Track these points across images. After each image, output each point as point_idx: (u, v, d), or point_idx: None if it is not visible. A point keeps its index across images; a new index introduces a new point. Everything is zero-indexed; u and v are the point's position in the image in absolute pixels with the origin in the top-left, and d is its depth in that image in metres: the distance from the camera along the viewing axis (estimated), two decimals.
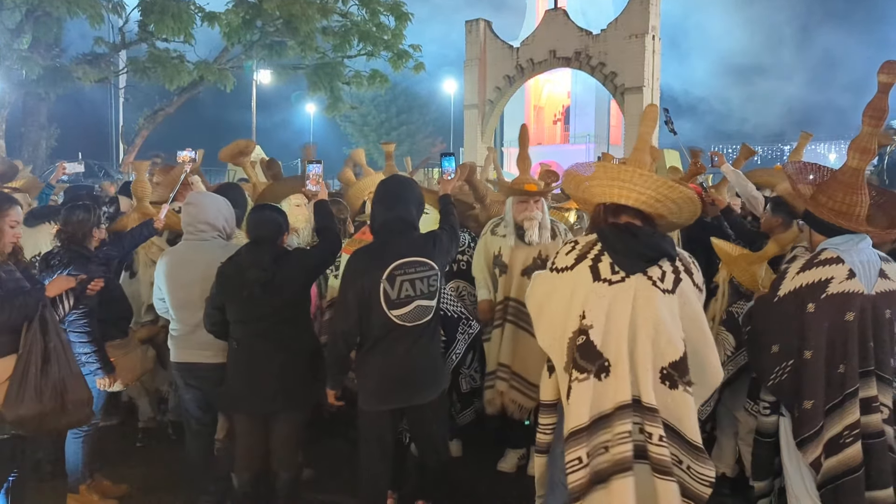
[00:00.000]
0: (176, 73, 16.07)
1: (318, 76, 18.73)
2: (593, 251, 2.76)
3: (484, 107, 25.51)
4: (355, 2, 18.25)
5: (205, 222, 3.79)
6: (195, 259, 3.74)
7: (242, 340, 3.48)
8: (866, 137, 2.92)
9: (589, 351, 2.69)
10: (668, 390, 2.69)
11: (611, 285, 2.69)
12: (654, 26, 22.01)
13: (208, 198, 3.96)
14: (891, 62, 2.84)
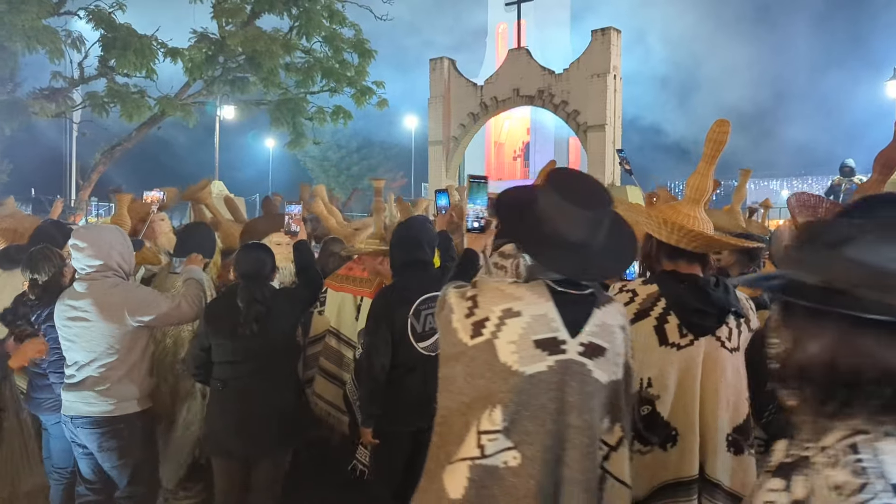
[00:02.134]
0: (136, 109, 15.86)
1: (280, 112, 18.70)
2: (657, 308, 2.44)
3: (448, 143, 25.71)
4: (319, 39, 18.31)
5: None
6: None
7: (229, 382, 3.42)
8: (874, 185, 2.92)
9: (655, 421, 2.43)
10: (734, 456, 2.48)
11: (679, 350, 2.42)
12: (616, 66, 22.51)
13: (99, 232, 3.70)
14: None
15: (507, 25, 43.32)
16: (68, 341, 3.52)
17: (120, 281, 3.57)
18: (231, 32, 16.57)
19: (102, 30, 15.04)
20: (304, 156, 41.16)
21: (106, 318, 3.44)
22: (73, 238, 3.53)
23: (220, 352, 3.44)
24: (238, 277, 3.54)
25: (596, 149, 22.19)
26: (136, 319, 3.49)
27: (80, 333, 3.48)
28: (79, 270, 3.55)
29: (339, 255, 4.93)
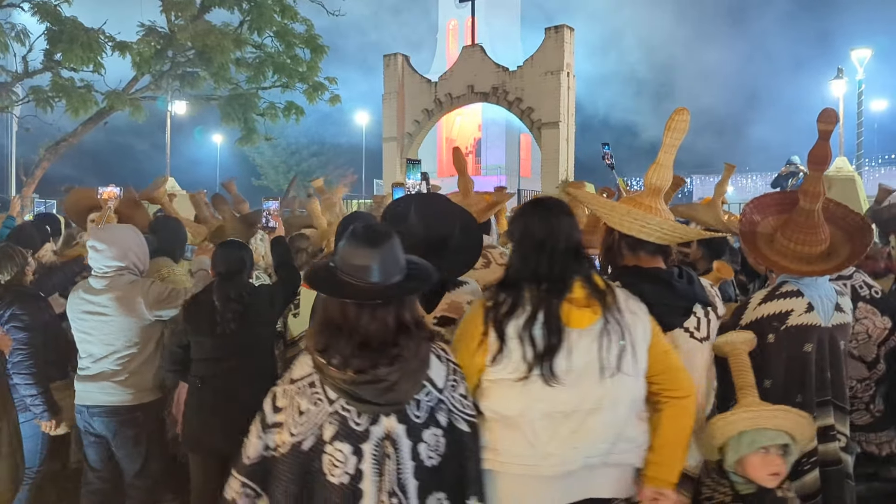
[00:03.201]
0: (82, 103, 15.42)
1: (231, 107, 18.42)
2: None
3: (403, 139, 25.66)
4: (270, 34, 18.08)
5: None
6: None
7: (208, 378, 3.42)
8: (812, 181, 3.07)
9: None
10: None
11: None
12: (569, 63, 22.76)
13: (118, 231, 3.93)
14: (828, 110, 3.02)
15: (457, 22, 43.45)
16: (83, 333, 3.69)
17: (136, 277, 3.75)
18: (180, 26, 16.25)
19: (48, 23, 14.60)
20: (254, 152, 40.60)
21: (125, 312, 3.62)
22: (92, 240, 3.71)
23: (199, 349, 3.46)
24: (215, 276, 3.53)
25: (550, 145, 22.42)
26: (153, 314, 3.68)
27: (98, 327, 3.64)
28: (96, 269, 3.71)
29: (307, 251, 4.94)
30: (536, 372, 2.21)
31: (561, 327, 2.22)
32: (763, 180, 31.49)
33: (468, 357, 2.28)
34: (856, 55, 23.15)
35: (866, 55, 23.03)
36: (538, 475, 2.25)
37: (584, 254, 2.35)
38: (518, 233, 2.40)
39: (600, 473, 2.29)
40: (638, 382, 2.32)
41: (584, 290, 2.27)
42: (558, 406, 2.24)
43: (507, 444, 2.26)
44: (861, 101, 22.92)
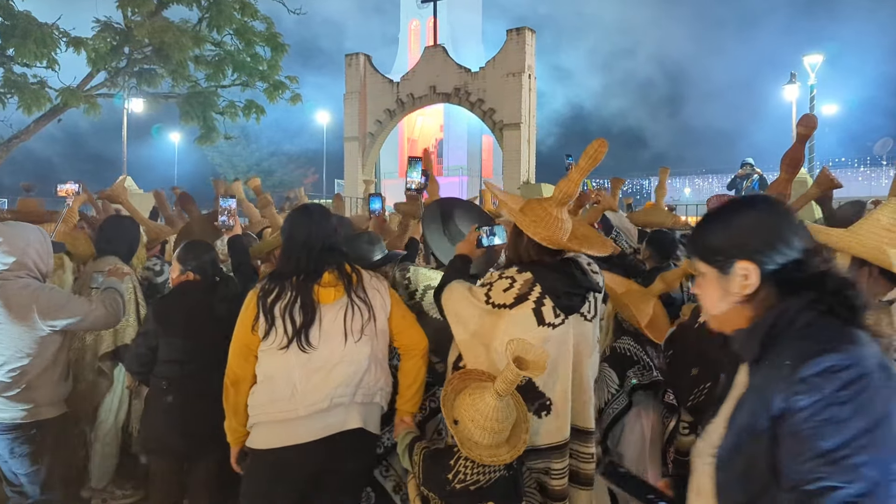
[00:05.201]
0: (35, 100, 15.02)
1: (190, 105, 18.07)
2: (534, 293, 2.74)
3: (365, 139, 25.56)
4: (230, 31, 17.83)
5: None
6: None
7: (175, 380, 3.38)
8: (783, 183, 3.16)
9: (530, 391, 2.74)
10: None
11: (554, 329, 2.74)
12: (530, 65, 22.92)
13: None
14: (808, 115, 3.12)
15: (419, 22, 43.43)
16: None
17: (32, 282, 3.42)
18: (137, 23, 15.90)
19: (0, 17, 14.20)
20: (212, 151, 40.09)
21: (15, 319, 3.31)
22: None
23: (169, 350, 3.40)
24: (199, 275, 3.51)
25: (511, 146, 22.58)
26: (47, 323, 3.37)
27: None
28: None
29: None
30: (295, 342, 2.87)
31: (315, 306, 2.92)
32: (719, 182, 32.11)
33: (245, 334, 2.96)
34: (808, 61, 23.75)
35: (818, 61, 23.64)
36: (297, 417, 2.87)
37: (339, 248, 3.06)
38: (285, 234, 3.07)
39: (349, 410, 2.96)
40: (377, 342, 3.05)
41: (332, 275, 2.98)
42: (312, 364, 2.91)
43: (271, 398, 2.90)
44: (813, 105, 23.50)
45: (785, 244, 1.59)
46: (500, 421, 2.43)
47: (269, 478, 2.92)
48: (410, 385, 3.12)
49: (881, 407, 1.44)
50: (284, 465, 2.90)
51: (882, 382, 1.45)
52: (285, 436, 2.88)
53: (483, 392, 2.48)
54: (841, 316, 1.55)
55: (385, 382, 3.09)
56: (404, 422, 3.07)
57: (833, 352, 1.47)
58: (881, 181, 33.02)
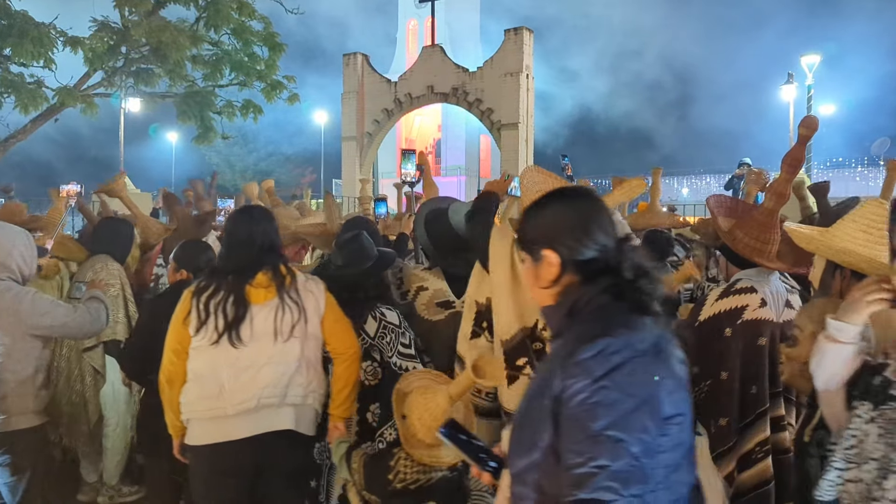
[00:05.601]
0: (32, 100, 14.98)
1: (187, 105, 18.05)
2: None
3: (362, 139, 25.55)
4: (227, 31, 17.81)
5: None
6: None
7: None
8: (783, 183, 3.17)
9: (544, 358, 2.82)
10: None
11: None
12: (528, 65, 22.94)
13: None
14: (810, 117, 3.13)
15: (417, 22, 43.43)
16: None
17: (14, 285, 3.32)
18: (134, 22, 15.89)
19: None
20: (210, 150, 40.05)
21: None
22: None
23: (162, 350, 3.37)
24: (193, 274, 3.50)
25: (509, 146, 22.58)
26: (28, 328, 3.30)
27: None
28: None
29: None
30: (225, 337, 2.92)
31: (246, 304, 2.97)
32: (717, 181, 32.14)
33: (178, 331, 3.02)
34: (805, 61, 23.76)
35: (815, 61, 23.66)
36: (225, 415, 2.92)
37: (277, 249, 3.13)
38: (226, 233, 3.17)
39: (279, 411, 3.00)
40: (308, 343, 3.08)
41: (266, 276, 3.03)
42: (241, 362, 2.95)
43: (201, 395, 2.96)
44: (810, 105, 23.52)
45: (586, 235, 1.70)
46: None
47: (207, 472, 3.00)
48: (342, 390, 3.15)
49: (647, 389, 1.54)
50: (220, 460, 2.97)
51: (651, 366, 1.56)
52: (217, 433, 2.95)
53: (436, 393, 2.50)
54: (631, 302, 1.66)
55: (318, 385, 3.13)
56: (338, 428, 3.11)
57: (608, 336, 1.57)
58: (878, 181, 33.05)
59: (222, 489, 2.96)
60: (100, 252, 4.77)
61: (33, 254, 3.47)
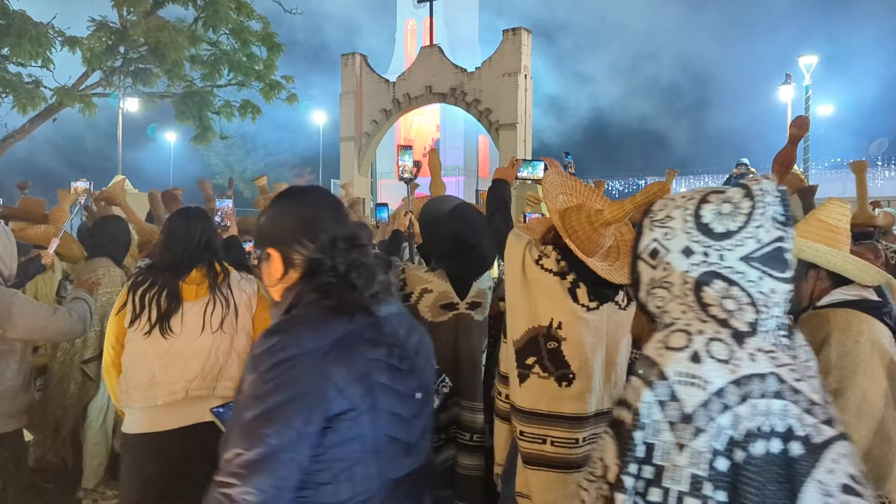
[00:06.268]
0: (30, 99, 14.96)
1: (185, 105, 18.03)
2: (569, 278, 2.87)
3: (361, 139, 25.54)
4: (225, 31, 17.79)
5: None
6: None
7: None
8: None
9: (557, 357, 2.89)
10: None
11: (589, 311, 2.87)
12: (526, 66, 22.94)
13: None
14: (802, 117, 3.14)
15: (416, 22, 43.43)
16: None
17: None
18: (132, 22, 15.88)
19: None
20: (209, 150, 40.03)
21: None
22: None
23: None
24: None
25: (507, 147, 22.57)
26: (8, 330, 3.27)
27: None
28: None
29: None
30: (157, 329, 3.05)
31: (179, 298, 3.10)
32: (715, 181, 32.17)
33: (115, 323, 3.16)
34: (803, 61, 23.79)
35: (813, 61, 23.69)
36: (156, 405, 3.04)
37: (213, 247, 3.24)
38: (163, 232, 3.29)
39: (209, 403, 2.93)
40: (238, 337, 3.19)
41: (200, 273, 3.17)
42: (171, 353, 3.07)
43: (133, 385, 3.07)
44: (808, 105, 23.54)
45: (302, 234, 1.81)
46: None
47: (138, 460, 3.10)
48: None
49: (305, 386, 1.62)
50: (151, 449, 3.06)
51: (322, 364, 1.64)
52: (148, 422, 3.06)
53: None
54: (337, 300, 1.75)
55: None
56: None
57: (281, 333, 1.68)
58: (876, 182, 33.11)
59: (152, 478, 3.02)
60: (100, 254, 4.70)
61: (13, 253, 3.44)
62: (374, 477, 1.72)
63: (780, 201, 1.54)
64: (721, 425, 1.43)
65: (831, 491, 1.41)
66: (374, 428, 1.71)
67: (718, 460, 1.42)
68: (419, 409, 1.86)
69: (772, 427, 1.43)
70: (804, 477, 1.41)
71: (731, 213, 1.54)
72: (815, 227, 2.64)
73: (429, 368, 1.96)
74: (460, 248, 3.68)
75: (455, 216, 3.75)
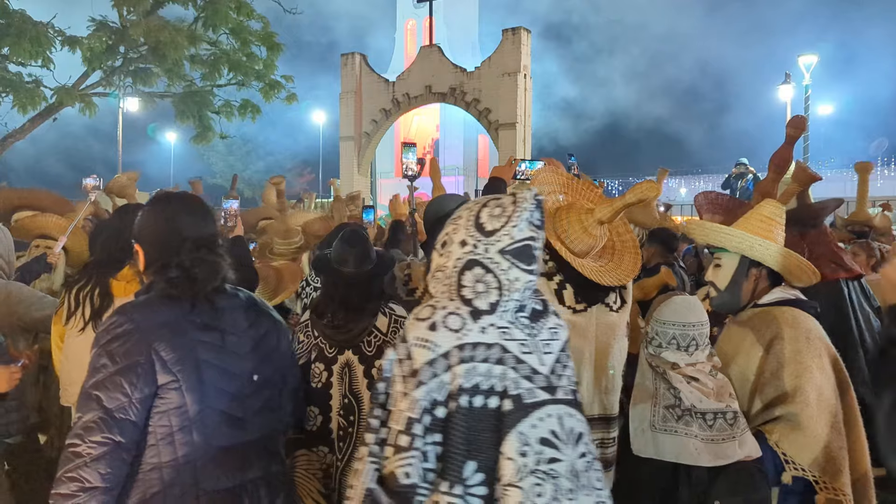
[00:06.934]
0: (30, 99, 14.97)
1: (185, 105, 18.05)
2: (556, 279, 2.85)
3: (360, 139, 25.54)
4: (225, 31, 17.79)
5: None
6: None
7: None
8: (769, 183, 3.19)
9: None
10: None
11: (575, 313, 2.83)
12: (526, 65, 22.93)
13: None
14: (799, 117, 3.15)
15: (415, 22, 43.41)
16: None
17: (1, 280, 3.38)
18: (133, 22, 15.89)
19: None
20: (209, 150, 40.02)
21: None
22: None
23: None
24: None
25: (507, 146, 22.56)
26: (19, 320, 3.37)
27: None
28: None
29: None
30: (90, 326, 3.09)
31: (111, 295, 3.14)
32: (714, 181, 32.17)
33: (56, 322, 3.24)
34: (802, 61, 23.77)
35: (812, 61, 23.67)
36: None
37: None
38: (95, 229, 3.36)
39: None
40: None
41: (132, 270, 3.04)
42: None
43: (72, 381, 3.10)
44: (808, 105, 23.53)
45: (161, 234, 2.14)
46: None
47: None
48: None
49: (134, 357, 1.94)
50: None
51: (151, 339, 1.96)
52: None
53: None
54: (180, 290, 2.06)
55: None
56: None
57: (118, 314, 2.01)
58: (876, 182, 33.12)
59: None
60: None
61: (10, 248, 3.58)
62: (198, 444, 1.98)
63: (537, 208, 1.90)
64: (444, 381, 1.78)
65: (529, 441, 1.76)
66: (199, 400, 1.98)
67: (438, 409, 1.78)
68: (255, 389, 2.13)
69: (491, 386, 1.79)
70: (510, 428, 1.76)
71: (499, 216, 1.90)
72: (753, 218, 2.70)
73: (276, 357, 2.25)
74: None
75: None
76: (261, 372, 2.16)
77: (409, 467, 1.75)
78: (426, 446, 1.77)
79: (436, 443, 1.78)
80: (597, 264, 2.84)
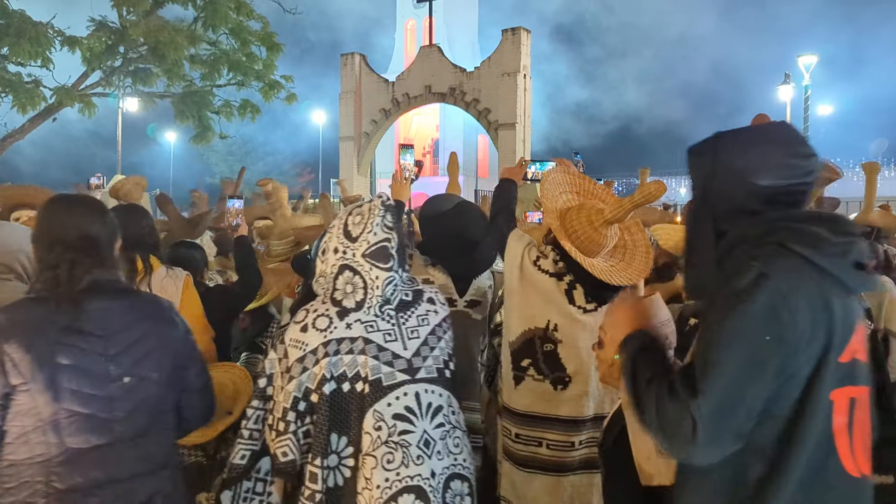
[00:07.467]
0: (30, 99, 14.96)
1: (185, 104, 18.04)
2: (566, 279, 2.89)
3: (360, 139, 25.54)
4: (225, 31, 17.79)
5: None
6: None
7: None
8: None
9: (553, 360, 2.91)
10: None
11: (585, 313, 2.88)
12: (526, 65, 22.94)
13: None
14: (762, 115, 3.15)
15: (415, 22, 43.42)
16: None
17: (20, 285, 3.13)
18: (132, 22, 15.88)
19: None
20: (208, 150, 40.01)
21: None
22: None
23: None
24: None
25: (506, 146, 22.56)
26: None
27: None
28: None
29: None
30: None
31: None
32: None
33: None
34: (802, 61, 23.77)
35: (812, 61, 23.68)
36: None
37: (143, 243, 3.23)
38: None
39: None
40: None
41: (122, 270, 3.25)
42: None
43: None
44: (807, 105, 23.54)
45: (40, 237, 2.19)
46: None
47: None
48: None
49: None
50: None
51: (8, 337, 1.98)
52: None
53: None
54: (37, 292, 2.11)
55: None
56: None
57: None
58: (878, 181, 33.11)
59: None
60: None
61: (21, 239, 3.33)
62: (53, 444, 1.99)
63: (388, 212, 2.21)
64: (314, 373, 2.12)
65: (384, 417, 2.10)
66: (53, 402, 1.99)
67: (312, 395, 2.14)
68: (124, 392, 2.10)
69: (356, 373, 2.13)
70: (368, 407, 2.11)
71: (359, 223, 2.20)
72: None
73: (149, 359, 2.18)
74: (461, 246, 3.63)
75: (456, 214, 3.70)
76: (134, 374, 2.13)
77: (286, 447, 2.13)
78: (303, 427, 2.15)
79: (312, 423, 2.15)
80: (607, 264, 2.84)
